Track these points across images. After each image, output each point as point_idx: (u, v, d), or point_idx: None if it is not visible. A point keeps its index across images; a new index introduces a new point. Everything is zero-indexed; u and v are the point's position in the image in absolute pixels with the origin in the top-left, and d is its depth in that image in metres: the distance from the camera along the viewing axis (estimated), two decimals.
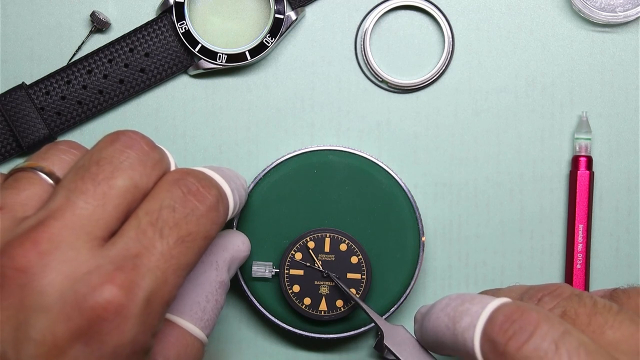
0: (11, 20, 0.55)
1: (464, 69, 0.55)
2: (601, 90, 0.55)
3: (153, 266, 0.37)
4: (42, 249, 0.36)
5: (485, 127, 0.55)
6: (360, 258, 0.51)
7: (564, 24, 0.54)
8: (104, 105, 0.54)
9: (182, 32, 0.53)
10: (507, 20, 0.55)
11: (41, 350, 0.35)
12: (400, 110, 0.55)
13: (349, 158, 0.52)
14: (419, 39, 0.55)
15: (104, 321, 0.36)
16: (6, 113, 0.54)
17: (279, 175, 0.52)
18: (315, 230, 0.51)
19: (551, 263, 0.55)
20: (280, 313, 0.52)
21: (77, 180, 0.38)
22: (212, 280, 0.46)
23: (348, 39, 0.55)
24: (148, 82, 0.54)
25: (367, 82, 0.55)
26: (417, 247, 0.52)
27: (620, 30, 0.55)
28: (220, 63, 0.53)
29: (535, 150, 0.54)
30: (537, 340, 0.36)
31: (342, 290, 0.51)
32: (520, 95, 0.55)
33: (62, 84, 0.54)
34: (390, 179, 0.52)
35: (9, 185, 0.39)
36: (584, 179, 0.53)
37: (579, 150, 0.54)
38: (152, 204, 0.38)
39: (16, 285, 0.36)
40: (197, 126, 0.55)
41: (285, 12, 0.53)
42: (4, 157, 0.54)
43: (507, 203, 0.55)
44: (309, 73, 0.55)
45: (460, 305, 0.39)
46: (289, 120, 0.55)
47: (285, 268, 0.51)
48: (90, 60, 0.54)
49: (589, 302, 0.39)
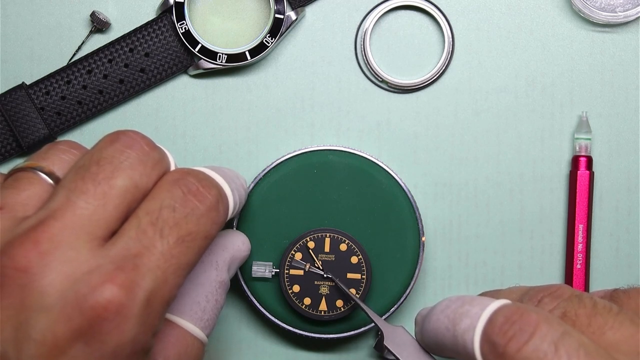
0: (11, 20, 0.55)
1: (464, 69, 0.55)
2: (601, 90, 0.55)
3: (153, 266, 0.37)
4: (42, 249, 0.36)
5: (485, 127, 0.55)
6: (360, 258, 0.51)
7: (564, 24, 0.55)
8: (104, 105, 0.54)
9: (182, 32, 0.53)
10: (507, 20, 0.55)
11: (42, 350, 0.35)
12: (400, 110, 0.55)
13: (349, 158, 0.52)
14: (419, 39, 0.55)
15: (105, 321, 0.36)
16: (6, 113, 0.54)
17: (279, 175, 0.52)
18: (315, 230, 0.51)
19: (551, 263, 0.55)
20: (280, 313, 0.52)
21: (78, 180, 0.38)
22: (212, 280, 0.46)
23: (348, 39, 0.55)
24: (148, 82, 0.54)
25: (367, 82, 0.55)
26: (417, 247, 0.52)
27: (620, 30, 0.55)
28: (220, 63, 0.53)
29: (535, 150, 0.54)
30: (536, 341, 0.36)
31: (342, 290, 0.51)
32: (520, 95, 0.55)
33: (62, 84, 0.54)
34: (390, 179, 0.52)
35: (9, 185, 0.39)
36: (584, 179, 0.53)
37: (579, 150, 0.54)
38: (153, 203, 0.38)
39: (16, 285, 0.36)
40: (197, 126, 0.55)
41: (285, 12, 0.53)
42: (4, 157, 0.54)
43: (507, 203, 0.55)
44: (309, 73, 0.55)
45: (460, 307, 0.39)
46: (289, 120, 0.55)
47: (285, 268, 0.51)
48: (90, 60, 0.54)
49: (589, 303, 0.39)
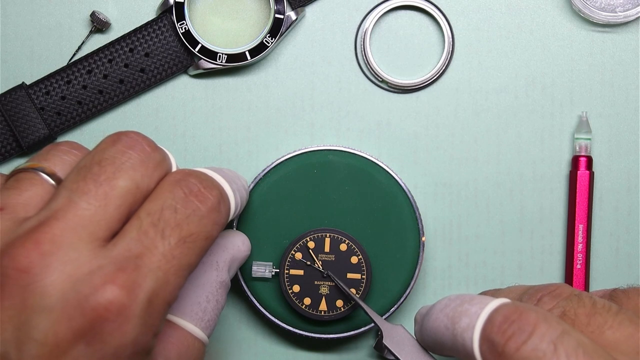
0: (11, 20, 0.55)
1: (464, 69, 0.55)
2: (601, 90, 0.55)
3: (154, 267, 0.37)
4: (43, 250, 0.36)
5: (485, 127, 0.55)
6: (360, 258, 0.51)
7: (564, 24, 0.55)
8: (104, 105, 0.54)
9: (182, 32, 0.53)
10: (507, 20, 0.55)
11: (43, 351, 0.35)
12: (400, 110, 0.55)
13: (349, 158, 0.52)
14: (419, 39, 0.55)
15: (106, 321, 0.36)
16: (6, 113, 0.54)
17: (279, 175, 0.52)
18: (315, 230, 0.51)
19: (551, 263, 0.55)
20: (280, 313, 0.52)
21: (79, 180, 0.38)
22: (212, 281, 0.46)
23: (348, 39, 0.55)
24: (148, 82, 0.54)
25: (367, 82, 0.55)
26: (417, 247, 0.52)
27: (620, 30, 0.55)
28: (220, 63, 0.53)
29: (535, 150, 0.54)
30: (535, 340, 0.36)
31: (341, 289, 0.51)
32: (520, 95, 0.55)
33: (62, 84, 0.54)
34: (390, 179, 0.52)
35: (11, 185, 0.39)
36: (584, 179, 0.53)
37: (579, 150, 0.54)
38: (154, 204, 0.38)
39: (18, 286, 0.36)
40: (197, 126, 0.55)
41: (285, 12, 0.53)
42: (4, 157, 0.54)
43: (507, 203, 0.55)
44: (309, 73, 0.55)
45: (459, 306, 0.39)
46: (289, 120, 0.55)
47: (285, 268, 0.51)
48: (90, 60, 0.54)
49: (588, 302, 0.39)
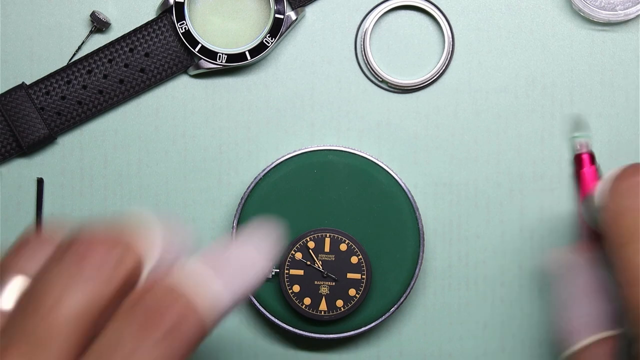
0: (11, 20, 0.55)
1: (464, 69, 0.55)
2: (601, 90, 0.55)
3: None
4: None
5: (485, 127, 0.55)
6: (360, 258, 0.51)
7: (564, 24, 0.55)
8: (104, 105, 0.54)
9: (182, 32, 0.53)
10: (507, 20, 0.55)
11: None
12: (400, 110, 0.55)
13: (349, 158, 0.52)
14: (419, 39, 0.55)
15: None
16: (6, 113, 0.54)
17: (279, 175, 0.52)
18: (315, 230, 0.51)
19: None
20: (280, 313, 0.52)
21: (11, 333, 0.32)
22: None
23: (348, 39, 0.55)
24: (148, 82, 0.54)
25: (367, 82, 0.55)
26: (417, 247, 0.52)
27: (620, 29, 0.55)
28: (220, 63, 0.53)
29: (535, 150, 0.54)
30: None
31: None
32: (520, 95, 0.55)
33: (62, 84, 0.54)
34: (390, 179, 0.52)
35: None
36: (591, 175, 0.53)
37: (579, 148, 0.54)
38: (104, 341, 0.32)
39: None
40: (197, 126, 0.55)
41: (285, 12, 0.53)
42: (4, 157, 0.54)
43: (507, 203, 0.54)
44: (309, 73, 0.55)
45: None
46: (289, 120, 0.55)
47: (285, 268, 0.51)
48: (90, 60, 0.54)
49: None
